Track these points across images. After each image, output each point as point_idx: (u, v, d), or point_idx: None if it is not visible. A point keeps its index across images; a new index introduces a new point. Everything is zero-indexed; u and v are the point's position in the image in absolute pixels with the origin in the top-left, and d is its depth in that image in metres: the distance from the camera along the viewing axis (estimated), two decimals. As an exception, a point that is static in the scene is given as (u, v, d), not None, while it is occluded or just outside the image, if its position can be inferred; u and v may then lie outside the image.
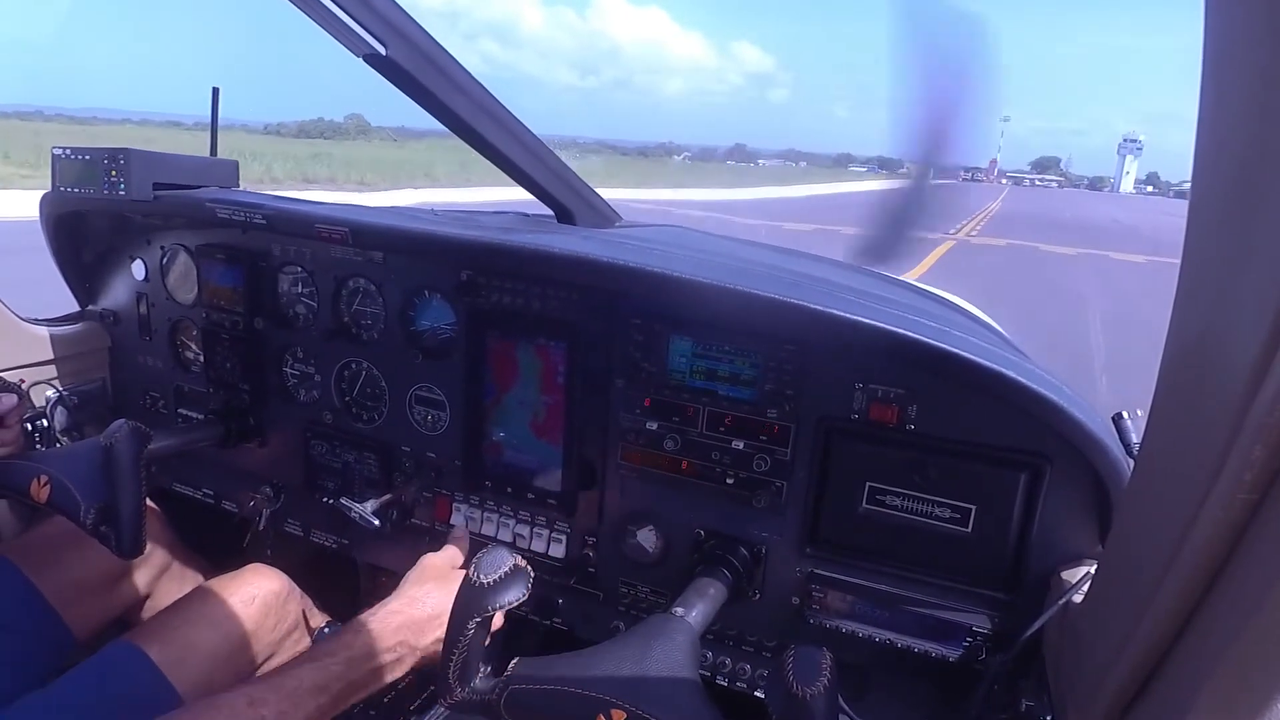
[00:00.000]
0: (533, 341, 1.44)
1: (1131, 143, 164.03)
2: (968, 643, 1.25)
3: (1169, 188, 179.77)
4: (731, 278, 1.25)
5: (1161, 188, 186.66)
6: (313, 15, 1.25)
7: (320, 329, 1.72)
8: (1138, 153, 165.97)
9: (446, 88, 1.38)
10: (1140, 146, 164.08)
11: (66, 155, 1.75)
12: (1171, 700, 0.61)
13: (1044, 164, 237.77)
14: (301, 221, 1.58)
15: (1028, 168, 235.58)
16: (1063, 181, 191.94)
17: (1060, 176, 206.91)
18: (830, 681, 0.84)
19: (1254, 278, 0.50)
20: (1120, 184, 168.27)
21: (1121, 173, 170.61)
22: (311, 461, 1.79)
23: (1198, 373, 0.62)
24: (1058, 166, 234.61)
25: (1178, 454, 0.65)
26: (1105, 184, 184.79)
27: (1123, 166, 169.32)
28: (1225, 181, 0.57)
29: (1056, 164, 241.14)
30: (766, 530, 1.37)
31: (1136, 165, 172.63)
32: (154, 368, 1.99)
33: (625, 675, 0.95)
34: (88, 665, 1.34)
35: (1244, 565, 0.53)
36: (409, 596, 1.36)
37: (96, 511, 1.33)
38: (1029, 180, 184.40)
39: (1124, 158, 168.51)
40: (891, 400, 1.25)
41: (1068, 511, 1.18)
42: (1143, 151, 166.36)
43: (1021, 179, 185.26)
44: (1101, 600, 0.90)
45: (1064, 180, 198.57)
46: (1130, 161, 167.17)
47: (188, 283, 1.87)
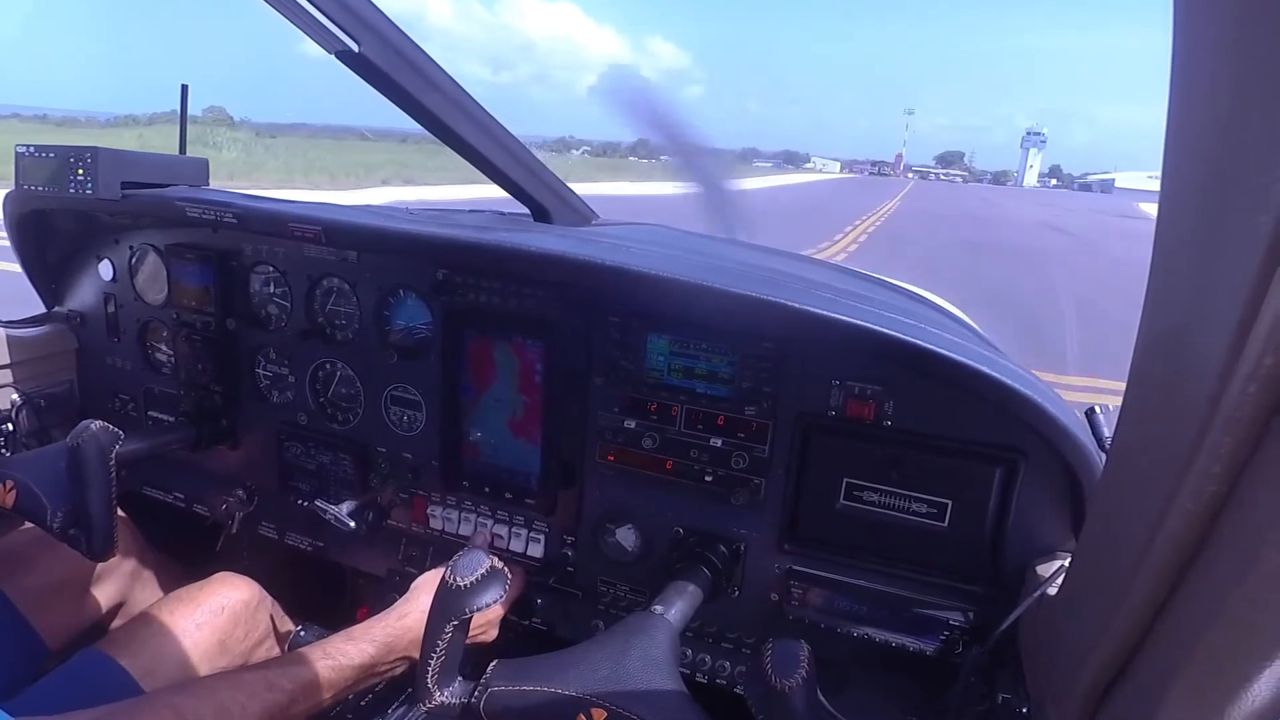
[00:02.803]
0: (510, 340, 1.43)
1: (1035, 135, 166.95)
2: (945, 636, 1.26)
3: (1071, 180, 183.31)
4: (709, 275, 1.25)
5: (1065, 180, 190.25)
6: (284, 12, 1.23)
7: (294, 329, 1.70)
8: (1041, 146, 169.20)
9: (421, 85, 1.37)
10: (1044, 140, 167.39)
11: (31, 153, 1.72)
12: (1146, 689, 0.61)
13: (949, 159, 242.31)
14: (274, 220, 1.56)
15: (933, 162, 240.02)
16: (967, 176, 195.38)
17: (965, 171, 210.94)
18: (808, 673, 0.84)
19: (1223, 272, 0.51)
20: (1024, 177, 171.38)
21: (1025, 166, 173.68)
22: (285, 463, 1.77)
23: (1168, 366, 0.62)
24: (962, 161, 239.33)
25: (1149, 447, 0.66)
26: (1009, 178, 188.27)
27: (1026, 160, 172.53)
28: (1195, 176, 0.58)
29: (961, 158, 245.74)
30: (745, 527, 1.37)
31: (1040, 159, 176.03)
32: (123, 369, 1.95)
33: (605, 674, 0.95)
34: (59, 674, 1.32)
35: (1214, 555, 0.54)
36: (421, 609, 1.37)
37: (65, 514, 1.31)
38: (934, 174, 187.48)
39: (1027, 150, 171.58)
40: (868, 397, 1.26)
41: (1042, 505, 1.20)
42: (1045, 145, 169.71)
43: (927, 173, 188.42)
44: (1076, 592, 0.91)
45: (968, 175, 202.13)
46: (1034, 155, 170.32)
47: (157, 283, 1.84)
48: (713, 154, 1.83)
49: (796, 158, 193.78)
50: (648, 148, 58.55)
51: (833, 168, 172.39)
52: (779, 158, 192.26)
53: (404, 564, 1.70)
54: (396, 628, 1.34)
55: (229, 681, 1.15)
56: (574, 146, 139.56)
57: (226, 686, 1.12)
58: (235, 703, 1.09)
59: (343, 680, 1.24)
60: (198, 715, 1.05)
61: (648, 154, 75.21)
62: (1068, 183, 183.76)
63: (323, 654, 1.24)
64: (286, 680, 1.16)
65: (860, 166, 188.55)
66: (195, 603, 1.47)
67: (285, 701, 1.14)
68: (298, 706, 1.17)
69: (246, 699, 1.11)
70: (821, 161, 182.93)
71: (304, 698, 1.17)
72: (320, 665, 1.22)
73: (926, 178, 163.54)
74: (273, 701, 1.13)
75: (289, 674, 1.18)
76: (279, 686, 1.15)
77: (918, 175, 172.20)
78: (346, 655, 1.26)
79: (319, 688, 1.20)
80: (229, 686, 1.12)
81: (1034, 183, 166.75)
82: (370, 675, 1.30)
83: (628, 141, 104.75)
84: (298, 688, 1.17)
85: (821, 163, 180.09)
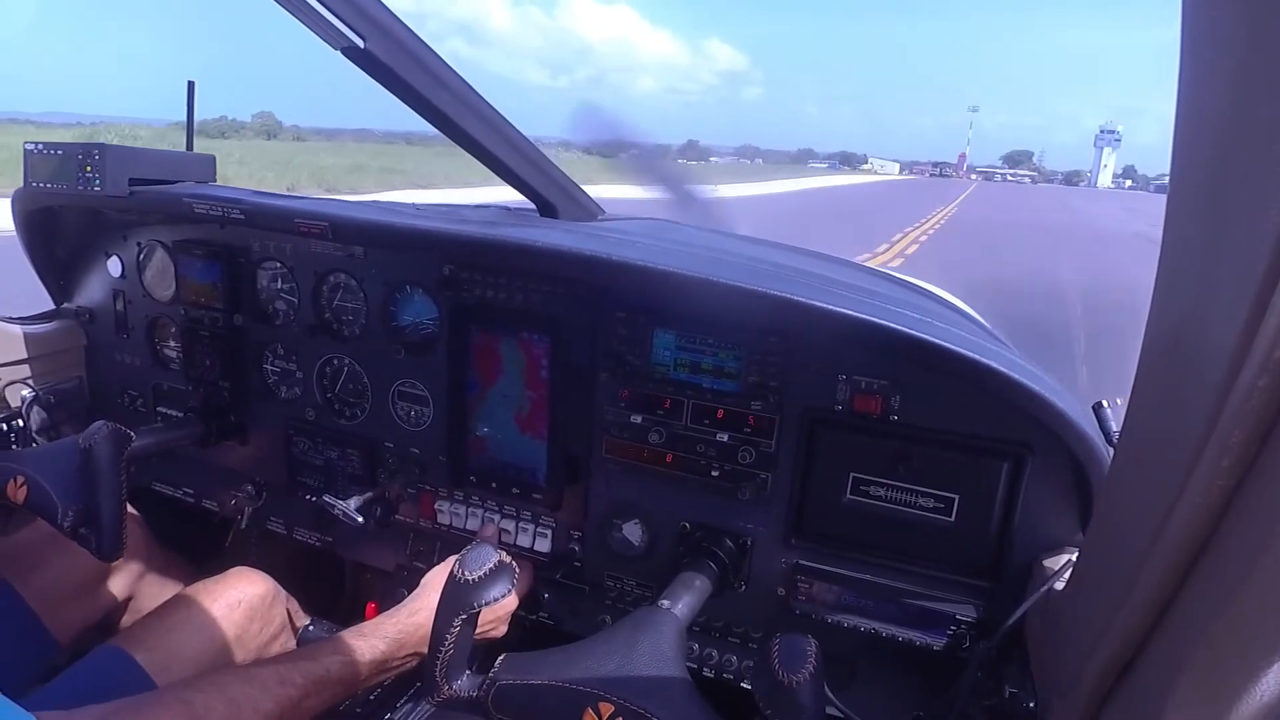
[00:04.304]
0: (516, 336, 1.43)
1: (1109, 133, 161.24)
2: (952, 631, 1.26)
3: (1147, 181, 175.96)
4: (715, 270, 1.25)
5: (1139, 181, 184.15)
6: (289, 8, 1.23)
7: (301, 325, 1.70)
8: (1116, 145, 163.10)
9: (427, 81, 1.37)
10: (1119, 138, 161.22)
11: (39, 151, 1.72)
12: (1152, 685, 0.61)
13: (1016, 158, 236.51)
14: (281, 216, 1.56)
15: (999, 162, 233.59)
16: (1036, 176, 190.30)
17: (1034, 171, 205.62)
18: (816, 668, 0.84)
19: (1231, 264, 0.51)
20: (1098, 178, 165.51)
21: (1099, 166, 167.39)
22: (293, 459, 1.78)
23: (1177, 360, 0.62)
24: (1030, 160, 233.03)
25: (1157, 441, 0.65)
26: (1081, 178, 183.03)
27: (1100, 159, 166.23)
28: (1203, 169, 0.57)
29: (1029, 158, 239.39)
30: (752, 522, 1.37)
31: (1114, 158, 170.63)
32: (132, 366, 1.96)
33: (612, 668, 0.95)
34: (76, 670, 1.33)
35: (1223, 550, 0.53)
36: None
37: (75, 514, 1.32)
38: (1000, 175, 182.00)
39: (1101, 150, 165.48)
40: (875, 391, 1.25)
41: (1049, 500, 1.19)
42: (1120, 144, 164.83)
43: (992, 174, 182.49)
44: (1083, 587, 0.91)
45: (1038, 175, 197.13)
46: (1108, 154, 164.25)
47: (165, 279, 1.85)
48: (665, 154, 2.06)
49: (853, 159, 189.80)
50: (696, 149, 58.25)
51: (891, 169, 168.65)
52: (835, 159, 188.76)
53: (412, 559, 1.71)
54: (408, 624, 1.34)
55: (241, 676, 1.15)
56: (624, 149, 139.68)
57: (238, 681, 1.13)
58: (247, 698, 1.10)
59: (354, 676, 1.24)
60: (209, 710, 1.05)
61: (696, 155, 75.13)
62: (1142, 184, 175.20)
63: (334, 650, 1.25)
64: (298, 675, 1.17)
65: (920, 168, 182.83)
66: (212, 597, 1.48)
67: (297, 696, 1.15)
68: (309, 702, 1.17)
69: (259, 694, 1.11)
70: (879, 163, 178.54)
71: (315, 693, 1.18)
72: (332, 661, 1.22)
73: (992, 179, 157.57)
74: (284, 696, 1.13)
75: (301, 669, 1.18)
76: (291, 681, 1.15)
77: (982, 176, 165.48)
78: (358, 651, 1.26)
79: (330, 684, 1.20)
80: (240, 681, 1.13)
81: (1108, 183, 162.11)
82: (381, 671, 1.30)
83: (678, 143, 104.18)
84: (309, 683, 1.17)
85: (879, 164, 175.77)
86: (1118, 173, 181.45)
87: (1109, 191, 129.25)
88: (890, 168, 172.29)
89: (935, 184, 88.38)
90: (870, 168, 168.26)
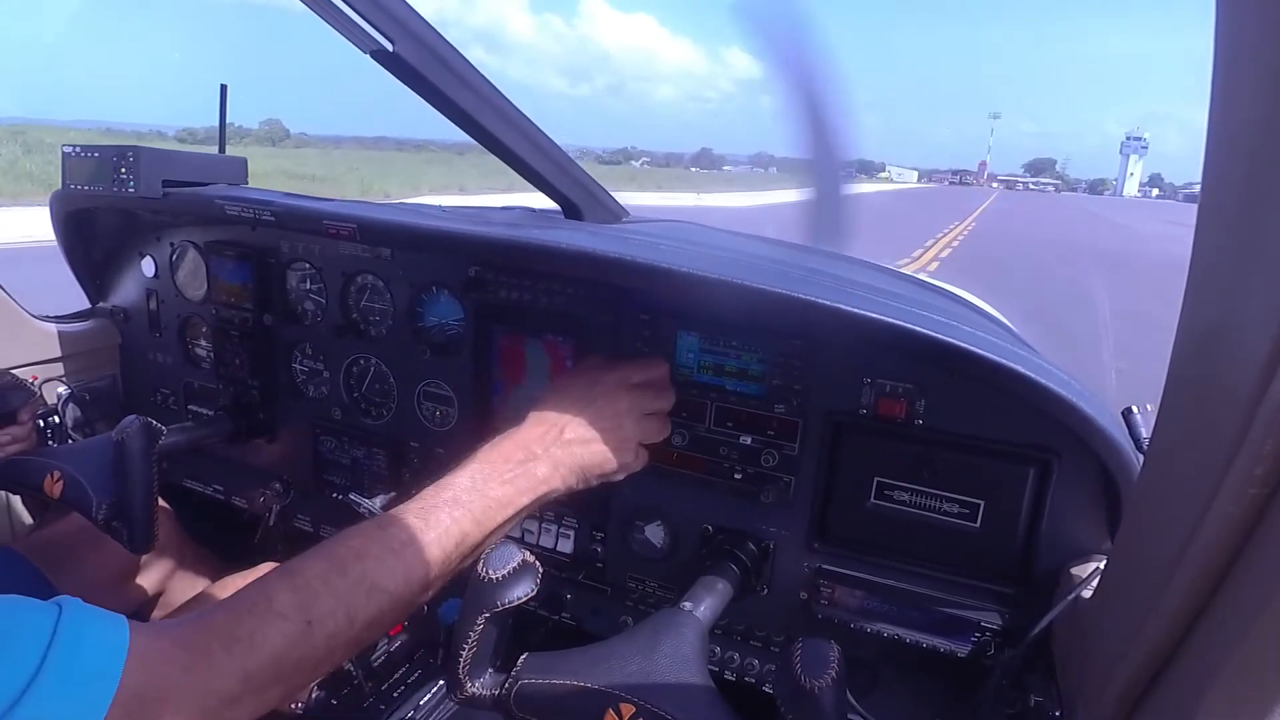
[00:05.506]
0: (540, 337, 1.44)
1: (1135, 140, 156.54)
2: (976, 638, 1.25)
3: (1175, 190, 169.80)
4: (739, 273, 1.24)
5: (1166, 190, 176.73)
6: (320, 12, 1.25)
7: (329, 325, 1.73)
8: (1143, 152, 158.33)
9: (454, 84, 1.38)
10: (1145, 145, 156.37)
11: (76, 153, 1.76)
12: (1180, 696, 0.61)
13: (1039, 166, 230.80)
14: (310, 218, 1.58)
15: (1021, 170, 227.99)
16: (1060, 185, 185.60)
17: (1057, 179, 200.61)
18: (838, 674, 0.84)
19: (1264, 272, 0.50)
20: (1124, 186, 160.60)
21: (1125, 174, 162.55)
22: (320, 458, 1.80)
23: (1207, 367, 0.61)
24: (1053, 168, 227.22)
25: (1187, 449, 0.65)
26: (1106, 187, 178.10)
27: (1126, 167, 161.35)
28: (1235, 177, 0.57)
29: (1052, 165, 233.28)
30: (774, 525, 1.37)
31: (1141, 166, 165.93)
32: (164, 364, 2.00)
33: (634, 669, 0.95)
34: None
35: (1254, 561, 0.53)
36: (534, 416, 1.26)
37: (108, 507, 1.34)
38: (1022, 184, 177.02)
39: (1127, 157, 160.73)
40: (900, 395, 1.24)
41: (1077, 506, 1.18)
42: (1147, 151, 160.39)
43: (1014, 182, 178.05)
44: (1110, 596, 0.89)
45: (1061, 183, 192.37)
46: (1135, 161, 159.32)
47: (197, 279, 1.88)
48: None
49: (870, 167, 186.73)
50: (710, 157, 57.05)
51: (909, 177, 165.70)
52: (850, 167, 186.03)
53: None
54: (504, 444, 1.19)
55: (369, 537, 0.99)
56: (633, 157, 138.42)
57: None
58: None
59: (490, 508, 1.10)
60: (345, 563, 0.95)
61: (709, 164, 74.15)
62: (1170, 192, 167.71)
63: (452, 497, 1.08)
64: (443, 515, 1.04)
65: (940, 176, 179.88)
66: None
67: None
68: (470, 538, 1.06)
69: None
70: (897, 171, 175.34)
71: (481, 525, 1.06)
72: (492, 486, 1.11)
73: (1014, 187, 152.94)
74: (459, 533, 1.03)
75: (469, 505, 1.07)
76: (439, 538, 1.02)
77: (1004, 185, 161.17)
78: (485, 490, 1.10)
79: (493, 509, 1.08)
80: None
81: (1134, 192, 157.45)
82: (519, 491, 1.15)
83: (690, 151, 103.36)
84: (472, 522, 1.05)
85: (897, 172, 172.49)
86: (1144, 181, 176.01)
87: (1134, 200, 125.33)
88: (909, 175, 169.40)
89: (953, 193, 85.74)
90: (887, 175, 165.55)
